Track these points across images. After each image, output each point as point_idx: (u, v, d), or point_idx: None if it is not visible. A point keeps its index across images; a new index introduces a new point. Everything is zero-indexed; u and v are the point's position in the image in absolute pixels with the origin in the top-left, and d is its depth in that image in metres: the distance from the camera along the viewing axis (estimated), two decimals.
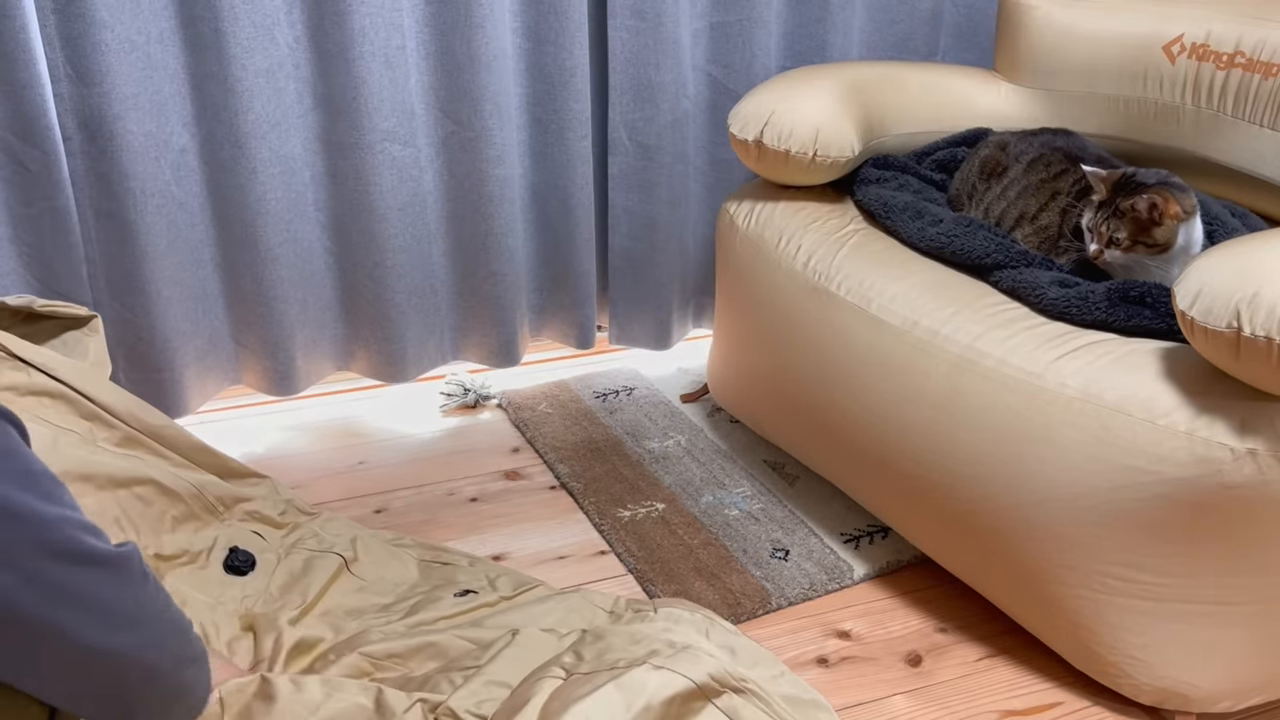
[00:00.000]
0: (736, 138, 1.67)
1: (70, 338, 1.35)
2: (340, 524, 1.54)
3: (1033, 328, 1.32)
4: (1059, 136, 1.62)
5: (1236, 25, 1.65)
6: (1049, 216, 1.52)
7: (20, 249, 1.67)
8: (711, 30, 1.95)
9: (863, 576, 1.56)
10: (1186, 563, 1.20)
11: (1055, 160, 1.57)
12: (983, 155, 1.66)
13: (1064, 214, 1.50)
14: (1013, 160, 1.61)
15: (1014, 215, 1.57)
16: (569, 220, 1.96)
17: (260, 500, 1.52)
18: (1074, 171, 1.53)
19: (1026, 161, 1.59)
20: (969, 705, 1.34)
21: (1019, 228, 1.55)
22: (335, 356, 1.95)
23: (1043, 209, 1.53)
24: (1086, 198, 1.45)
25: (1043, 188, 1.55)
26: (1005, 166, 1.61)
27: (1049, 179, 1.55)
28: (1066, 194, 1.52)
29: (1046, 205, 1.53)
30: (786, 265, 1.60)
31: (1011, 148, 1.63)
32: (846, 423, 1.51)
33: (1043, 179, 1.56)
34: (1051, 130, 1.65)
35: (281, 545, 1.46)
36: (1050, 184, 1.55)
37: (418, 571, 1.46)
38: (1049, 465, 1.25)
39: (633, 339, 2.13)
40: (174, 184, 1.70)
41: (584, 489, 1.76)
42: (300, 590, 1.37)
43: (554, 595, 1.40)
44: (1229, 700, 1.27)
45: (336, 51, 1.70)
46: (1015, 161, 1.61)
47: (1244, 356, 1.10)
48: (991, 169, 1.63)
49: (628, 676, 1.03)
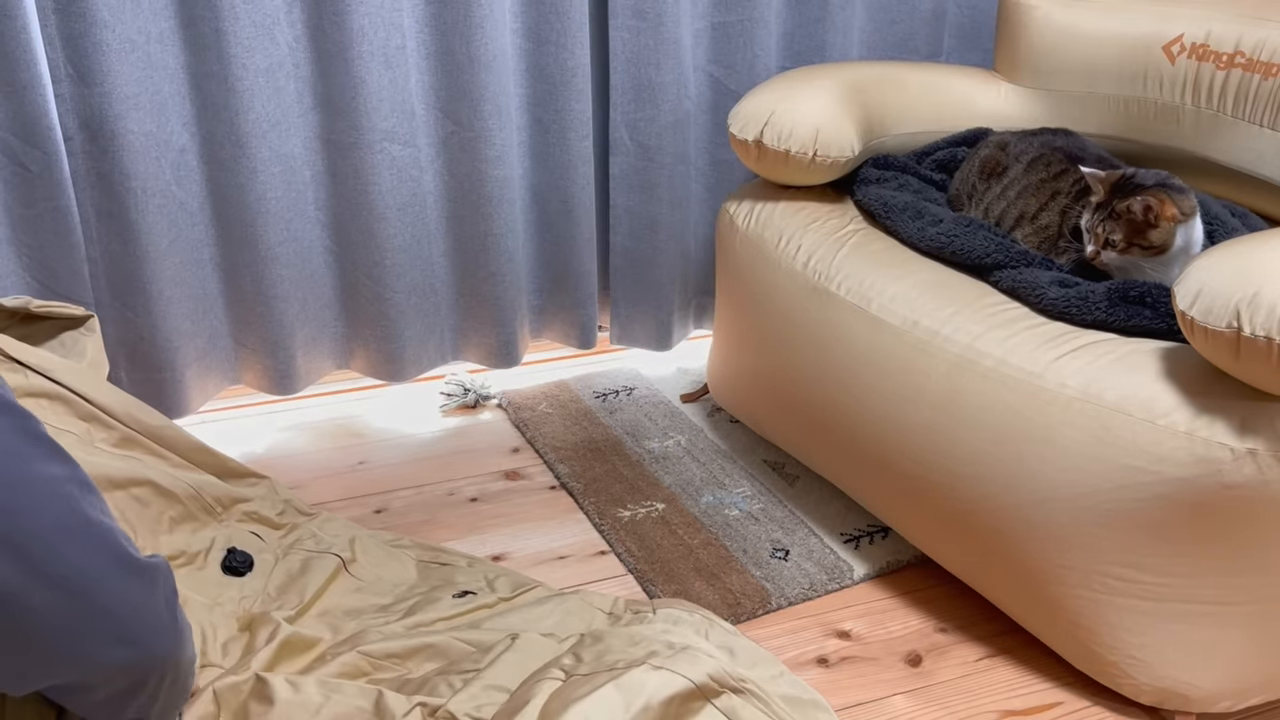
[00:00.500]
0: (736, 138, 1.67)
1: (68, 338, 1.34)
2: (338, 524, 1.53)
3: (1033, 328, 1.32)
4: (1059, 136, 1.62)
5: (1236, 25, 1.65)
6: (1049, 216, 1.52)
7: (21, 249, 1.67)
8: (712, 30, 1.95)
9: (863, 576, 1.56)
10: (1186, 563, 1.20)
11: (1055, 160, 1.57)
12: (983, 155, 1.66)
13: (1063, 214, 1.50)
14: (1013, 160, 1.61)
15: (1014, 215, 1.56)
16: (570, 221, 1.96)
17: (258, 501, 1.52)
18: (1074, 172, 1.53)
19: (1026, 161, 1.59)
20: (969, 705, 1.34)
21: (1019, 227, 1.55)
22: (335, 356, 1.95)
23: (1042, 209, 1.53)
24: (1086, 198, 1.45)
25: (1043, 187, 1.55)
26: (1005, 166, 1.61)
27: (1049, 179, 1.55)
28: (1066, 194, 1.52)
29: (1046, 205, 1.53)
30: (786, 265, 1.60)
31: (1011, 147, 1.63)
32: (846, 423, 1.50)
33: (1042, 179, 1.56)
34: (1051, 130, 1.65)
35: (280, 546, 1.46)
36: (1050, 184, 1.55)
37: (416, 572, 1.45)
38: (1049, 465, 1.25)
39: (634, 339, 2.13)
40: (174, 184, 1.70)
41: (584, 489, 1.76)
42: (298, 590, 1.37)
43: (553, 596, 1.40)
44: (1229, 700, 1.26)
45: (336, 51, 1.70)
46: (1015, 161, 1.61)
47: (1244, 356, 1.10)
48: (991, 169, 1.63)
49: (627, 677, 1.03)
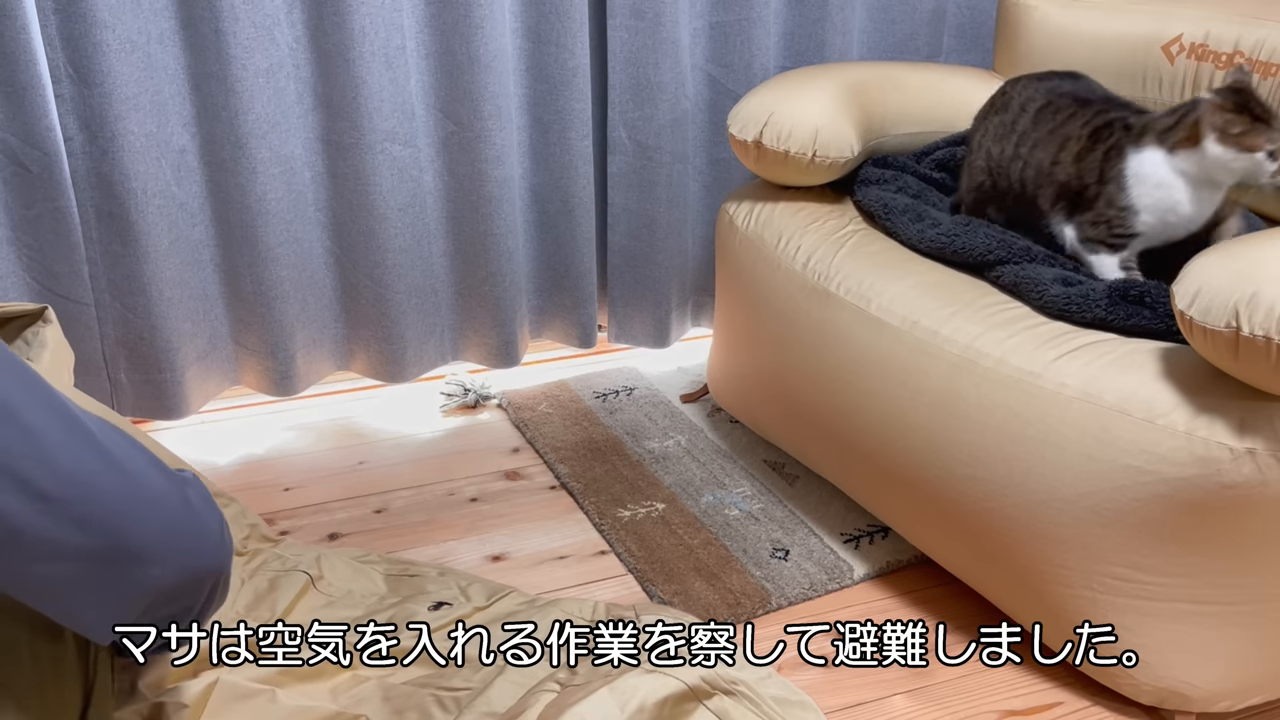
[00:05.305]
0: (736, 138, 1.67)
1: (30, 334, 1.33)
2: (302, 546, 1.51)
3: (1032, 327, 1.32)
4: (1066, 81, 1.57)
5: (1236, 25, 1.65)
6: (1065, 170, 1.47)
7: (21, 250, 1.67)
8: (711, 30, 1.95)
9: (863, 576, 1.56)
10: (1186, 562, 1.20)
11: (1063, 105, 1.50)
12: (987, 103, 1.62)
13: (1078, 160, 1.45)
14: (1018, 109, 1.56)
15: (1031, 174, 1.51)
16: (570, 221, 1.97)
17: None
18: (1083, 114, 1.47)
19: (1034, 110, 1.53)
20: (969, 705, 1.34)
21: (1041, 189, 1.50)
22: (335, 356, 1.95)
23: (1055, 161, 1.48)
24: (1106, 139, 1.40)
25: (1053, 136, 1.49)
26: (1007, 106, 1.57)
27: (1058, 126, 1.49)
28: (1077, 139, 1.46)
29: (1059, 156, 1.48)
30: (786, 266, 1.60)
31: (1016, 93, 1.58)
32: (846, 423, 1.51)
33: (1051, 128, 1.50)
34: (1059, 74, 1.60)
35: (245, 570, 1.42)
36: (1060, 131, 1.49)
37: (385, 585, 1.43)
38: (1048, 465, 1.25)
39: (632, 337, 2.13)
40: (174, 184, 1.70)
41: (584, 489, 1.76)
42: (268, 606, 1.35)
43: (527, 602, 1.39)
44: (1229, 700, 1.27)
45: (336, 52, 1.70)
46: (1021, 111, 1.55)
47: (1243, 356, 1.10)
48: (991, 108, 1.60)
49: (621, 680, 1.04)
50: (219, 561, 0.93)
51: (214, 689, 1.13)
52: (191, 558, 0.89)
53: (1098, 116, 1.46)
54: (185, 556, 0.88)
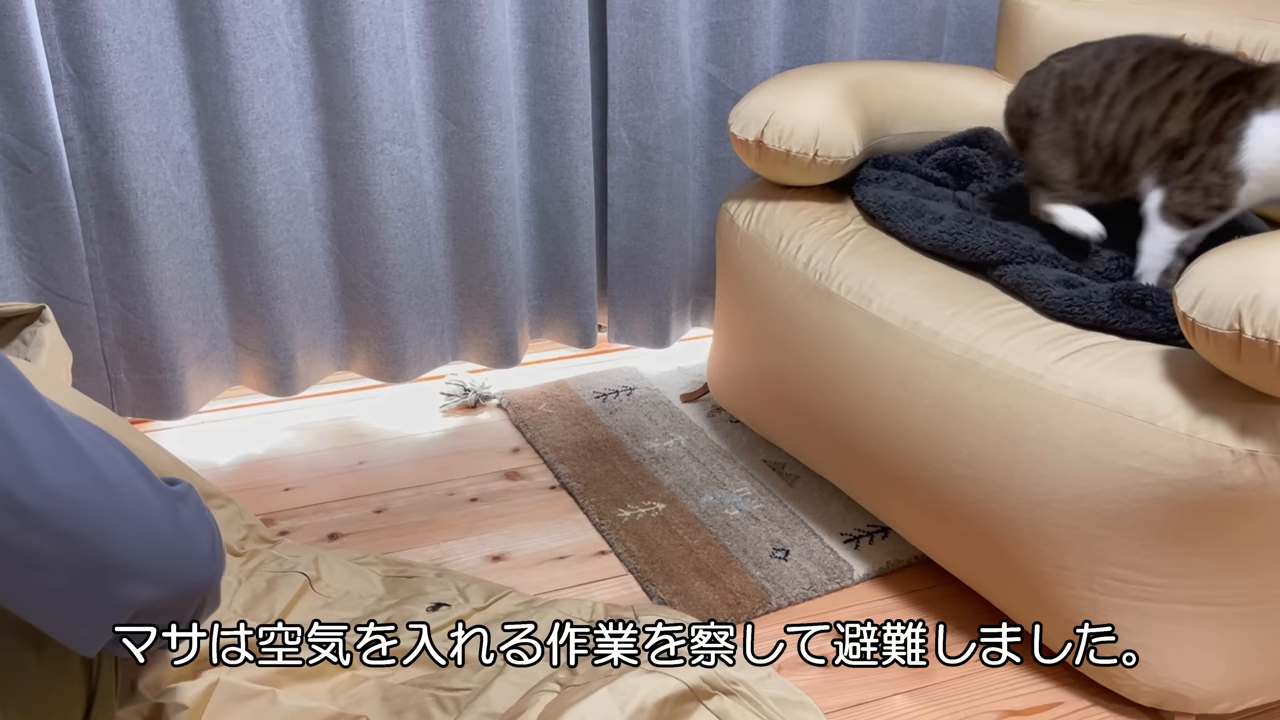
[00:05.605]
0: (737, 138, 1.67)
1: (27, 334, 1.33)
2: (299, 548, 1.51)
3: (1033, 329, 1.32)
4: (1136, 37, 1.47)
5: (1237, 26, 1.65)
6: (1175, 126, 1.38)
7: (20, 250, 1.67)
8: (711, 30, 1.95)
9: (863, 576, 1.56)
10: (1186, 564, 1.20)
11: (1164, 60, 1.40)
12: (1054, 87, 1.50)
13: (1195, 117, 1.35)
14: (1102, 73, 1.45)
15: (1130, 132, 1.41)
16: (570, 221, 1.96)
17: (222, 525, 1.46)
18: (1191, 67, 1.36)
19: (1127, 70, 1.42)
20: (969, 705, 1.34)
21: (1140, 146, 1.40)
22: (335, 356, 1.95)
23: (1164, 119, 1.38)
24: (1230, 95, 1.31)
25: (1159, 93, 1.40)
26: (1097, 85, 1.46)
27: (1162, 82, 1.39)
28: (1194, 94, 1.36)
29: (1168, 113, 1.38)
30: (787, 265, 1.60)
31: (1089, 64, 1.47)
32: (846, 423, 1.51)
33: (1154, 85, 1.40)
34: (1123, 37, 1.50)
35: (242, 571, 1.43)
36: (1167, 86, 1.39)
37: (383, 586, 1.43)
38: (1049, 466, 1.25)
39: (632, 337, 2.13)
40: (174, 184, 1.70)
41: (584, 489, 1.76)
42: (266, 607, 1.35)
43: (525, 603, 1.39)
44: (1229, 701, 1.27)
45: (336, 52, 1.70)
46: (1108, 71, 1.45)
47: (1245, 358, 1.10)
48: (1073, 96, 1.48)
49: (621, 680, 1.04)
50: (207, 578, 0.92)
51: (214, 690, 1.13)
52: (178, 574, 0.88)
53: (1213, 70, 1.36)
54: (171, 573, 0.87)
